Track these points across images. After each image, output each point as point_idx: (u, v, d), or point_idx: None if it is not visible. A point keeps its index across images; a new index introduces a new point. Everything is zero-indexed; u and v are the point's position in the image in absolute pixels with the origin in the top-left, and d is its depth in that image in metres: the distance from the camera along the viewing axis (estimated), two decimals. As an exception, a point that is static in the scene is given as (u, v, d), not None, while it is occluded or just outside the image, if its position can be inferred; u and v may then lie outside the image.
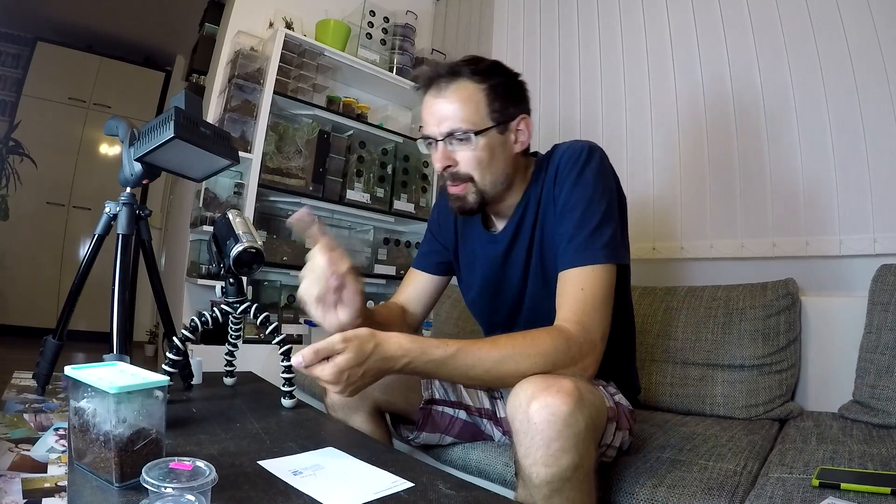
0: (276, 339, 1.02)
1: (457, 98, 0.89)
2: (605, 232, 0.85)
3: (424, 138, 0.94)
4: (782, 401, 1.28)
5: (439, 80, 0.90)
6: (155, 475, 0.49)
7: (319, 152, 2.17)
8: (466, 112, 0.88)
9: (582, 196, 0.88)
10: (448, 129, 0.89)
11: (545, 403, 0.67)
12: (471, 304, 1.13)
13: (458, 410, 1.06)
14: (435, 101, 0.90)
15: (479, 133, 0.89)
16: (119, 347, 0.88)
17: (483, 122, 0.89)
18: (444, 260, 1.13)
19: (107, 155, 3.90)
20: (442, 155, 0.91)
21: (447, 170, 0.92)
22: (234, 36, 2.13)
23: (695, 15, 1.72)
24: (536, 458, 0.68)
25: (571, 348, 0.76)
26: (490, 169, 0.91)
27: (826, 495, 0.73)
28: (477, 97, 0.89)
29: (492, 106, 0.90)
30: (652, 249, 1.73)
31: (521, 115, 0.94)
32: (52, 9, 3.55)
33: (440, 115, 0.90)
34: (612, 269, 0.85)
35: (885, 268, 1.20)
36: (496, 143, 0.91)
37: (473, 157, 0.90)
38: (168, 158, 0.96)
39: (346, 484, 0.66)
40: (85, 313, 1.78)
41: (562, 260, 0.86)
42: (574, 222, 0.86)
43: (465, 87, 0.89)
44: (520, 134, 0.94)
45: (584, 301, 0.81)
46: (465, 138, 0.89)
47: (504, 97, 0.91)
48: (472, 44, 2.55)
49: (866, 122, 1.35)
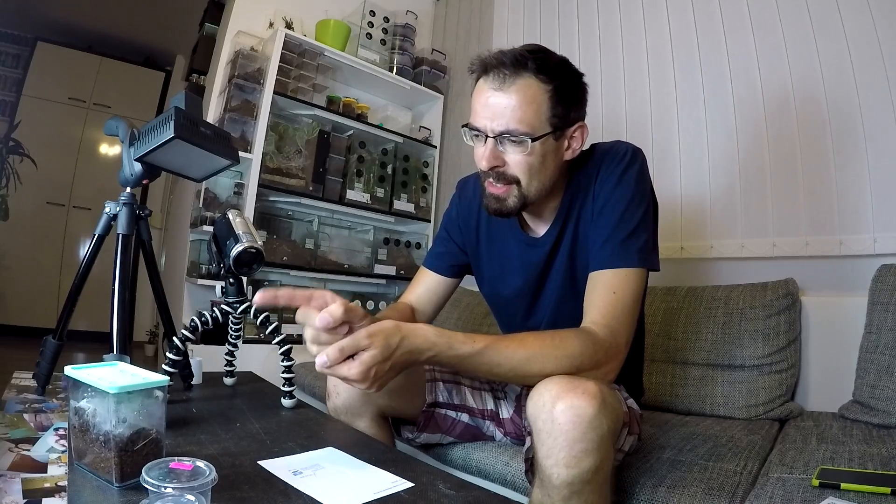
0: (276, 339, 1.02)
1: (519, 97, 0.81)
2: (641, 236, 0.84)
3: (471, 128, 0.86)
4: (782, 401, 1.28)
5: (502, 69, 0.81)
6: (155, 475, 0.49)
7: (319, 152, 2.17)
8: (527, 114, 0.81)
9: (622, 197, 0.86)
10: (503, 129, 0.82)
11: (571, 404, 0.67)
12: (502, 304, 1.07)
13: (461, 413, 1.05)
14: (493, 94, 0.82)
15: (536, 139, 0.82)
16: (119, 347, 0.88)
17: (542, 127, 0.82)
18: (459, 262, 1.09)
19: (107, 155, 3.91)
20: (490, 153, 0.84)
21: (494, 169, 0.85)
22: (234, 36, 2.13)
23: (695, 15, 1.72)
24: (559, 458, 0.67)
25: (598, 352, 0.76)
26: (539, 175, 0.86)
27: (826, 495, 0.73)
28: (540, 98, 0.82)
29: (554, 110, 0.83)
30: (652, 249, 1.73)
31: (579, 121, 0.88)
32: (52, 9, 3.55)
33: (497, 110, 0.81)
34: (644, 274, 0.84)
35: (885, 268, 1.20)
36: (549, 149, 0.85)
37: (525, 162, 0.84)
38: (168, 158, 0.96)
39: (346, 484, 0.66)
40: (85, 313, 1.78)
41: (595, 261, 0.85)
42: (612, 224, 0.85)
43: (529, 84, 0.81)
44: (573, 141, 0.88)
45: (614, 305, 0.80)
46: (520, 141, 0.82)
47: (566, 102, 0.84)
48: (472, 44, 2.55)
49: (866, 122, 1.35)
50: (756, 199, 1.54)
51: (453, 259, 1.09)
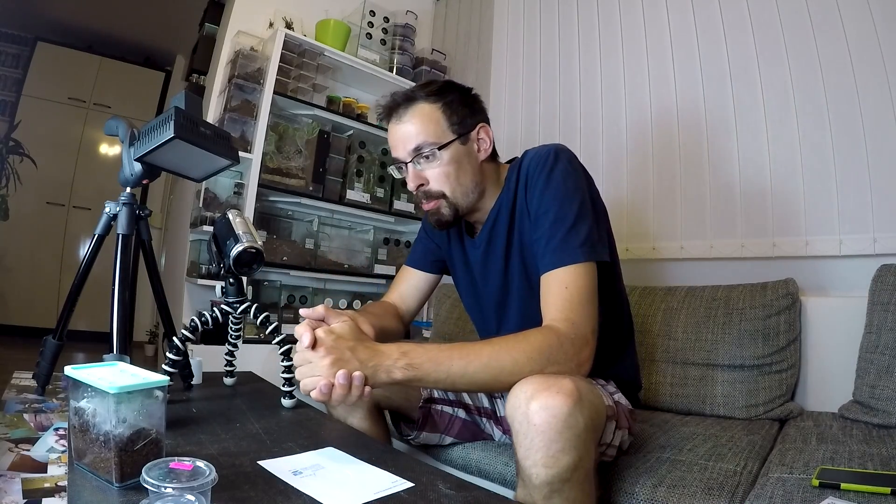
0: (276, 339, 1.02)
1: (416, 119, 0.94)
2: (581, 230, 0.86)
3: (395, 164, 0.99)
4: (782, 401, 1.28)
5: (398, 108, 0.96)
6: (155, 475, 0.49)
7: (319, 152, 2.17)
8: (428, 129, 0.93)
9: (553, 198, 0.89)
10: (413, 147, 0.94)
11: (545, 404, 0.67)
12: (466, 309, 1.17)
13: (458, 409, 1.06)
14: (398, 127, 0.96)
15: (443, 147, 0.93)
16: (119, 347, 0.88)
17: (445, 136, 0.94)
18: (439, 258, 1.17)
19: (107, 155, 3.90)
20: (413, 175, 0.96)
21: (420, 188, 0.96)
22: (234, 36, 2.13)
23: (695, 15, 1.72)
24: (536, 459, 0.68)
25: (564, 344, 0.77)
26: (459, 181, 0.95)
27: (826, 495, 0.73)
28: (435, 115, 0.94)
29: (450, 120, 0.95)
30: (652, 249, 1.73)
31: (479, 123, 0.98)
32: (52, 9, 3.55)
33: (404, 137, 0.94)
34: (593, 266, 0.86)
35: (885, 268, 1.20)
36: (461, 154, 0.95)
37: (441, 173, 0.95)
38: (168, 158, 0.96)
39: (346, 484, 0.66)
40: (85, 313, 1.78)
41: (542, 263, 0.87)
42: (549, 225, 0.88)
43: (421, 108, 0.94)
44: (481, 142, 0.98)
45: (569, 299, 0.82)
46: (431, 154, 0.94)
47: (460, 110, 0.96)
48: (472, 44, 2.55)
49: (866, 122, 1.34)
50: (756, 199, 1.54)
51: (434, 255, 1.17)
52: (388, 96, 0.99)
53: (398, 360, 0.74)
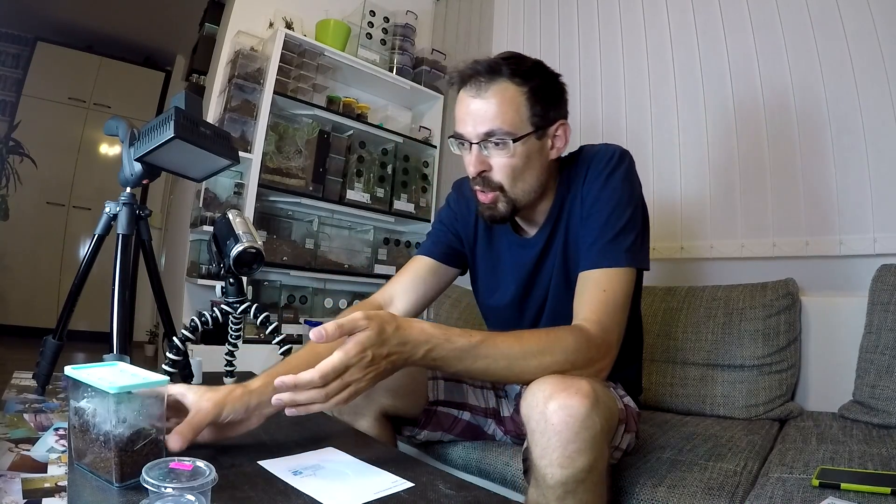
0: (276, 339, 1.02)
1: (497, 99, 0.83)
2: (629, 236, 0.85)
3: (456, 138, 0.88)
4: (782, 401, 1.28)
5: (478, 77, 0.84)
6: (155, 475, 0.49)
7: (319, 152, 2.17)
8: (506, 115, 0.83)
9: (609, 199, 0.87)
10: (486, 132, 0.84)
11: (563, 404, 0.67)
12: (493, 307, 1.07)
13: (463, 412, 1.05)
14: (472, 101, 0.85)
15: (518, 139, 0.84)
16: (119, 347, 0.88)
17: (522, 127, 0.84)
18: (456, 249, 1.05)
19: (107, 155, 3.91)
20: (476, 159, 0.86)
21: (481, 174, 0.87)
22: (234, 36, 2.13)
23: (695, 15, 1.72)
24: (552, 458, 0.67)
25: (590, 349, 0.76)
26: (523, 178, 0.87)
27: (826, 495, 0.73)
28: (518, 100, 0.84)
29: (532, 110, 0.85)
30: (652, 250, 1.72)
31: (560, 120, 0.90)
32: (52, 9, 3.55)
33: (478, 116, 0.84)
34: (633, 273, 0.85)
35: (885, 268, 1.20)
36: (533, 149, 0.87)
37: (508, 165, 0.86)
38: (168, 158, 0.96)
39: (346, 484, 0.66)
40: (85, 313, 1.78)
41: (584, 261, 0.85)
42: (599, 224, 0.86)
43: (505, 87, 0.84)
44: (557, 140, 0.90)
45: (605, 302, 0.80)
46: (503, 143, 0.84)
47: (545, 101, 0.86)
48: (472, 44, 2.55)
49: (866, 122, 1.35)
50: (756, 199, 1.54)
51: (448, 247, 1.05)
52: (469, 61, 0.86)
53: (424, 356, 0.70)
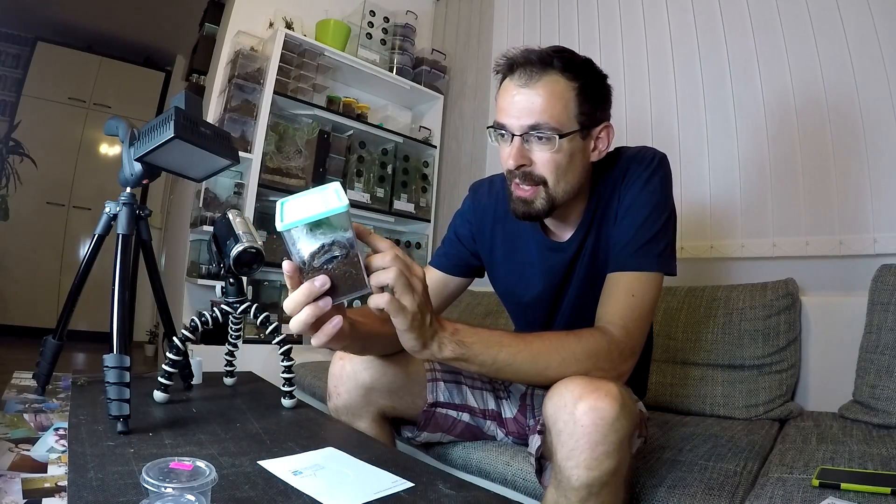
0: (276, 339, 1.02)
1: (546, 92, 0.80)
2: (661, 241, 0.84)
3: (497, 128, 0.84)
4: (782, 401, 1.28)
5: (528, 67, 0.81)
6: (155, 475, 0.49)
7: (319, 152, 2.17)
8: (554, 110, 0.80)
9: (647, 202, 0.86)
10: (531, 124, 0.80)
11: (593, 406, 0.66)
12: (521, 309, 1.06)
13: (462, 413, 1.05)
14: (520, 91, 0.81)
15: (564, 136, 0.81)
16: (119, 347, 0.88)
17: (569, 124, 0.81)
18: (465, 263, 1.07)
19: (107, 155, 3.91)
20: (517, 152, 0.82)
21: (520, 168, 0.83)
22: (234, 36, 2.14)
23: (695, 15, 1.72)
24: (580, 460, 0.67)
25: (613, 352, 0.76)
26: (566, 176, 0.84)
27: (826, 495, 0.73)
28: (567, 95, 0.81)
29: (580, 108, 0.82)
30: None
31: (605, 121, 0.87)
32: (52, 9, 3.55)
33: (523, 106, 0.80)
34: (661, 278, 0.84)
35: (885, 268, 1.20)
36: (577, 148, 0.84)
37: (552, 160, 0.82)
38: (168, 158, 0.96)
39: (346, 484, 0.66)
40: (85, 313, 1.78)
41: (615, 262, 0.85)
42: (635, 226, 0.85)
43: (556, 81, 0.80)
44: (600, 142, 0.87)
45: (633, 307, 0.80)
46: (548, 138, 0.80)
47: (593, 100, 0.84)
48: (472, 44, 2.55)
49: (866, 122, 1.35)
50: (756, 199, 1.54)
51: (458, 259, 1.07)
52: (521, 49, 0.84)
53: (452, 335, 0.70)
